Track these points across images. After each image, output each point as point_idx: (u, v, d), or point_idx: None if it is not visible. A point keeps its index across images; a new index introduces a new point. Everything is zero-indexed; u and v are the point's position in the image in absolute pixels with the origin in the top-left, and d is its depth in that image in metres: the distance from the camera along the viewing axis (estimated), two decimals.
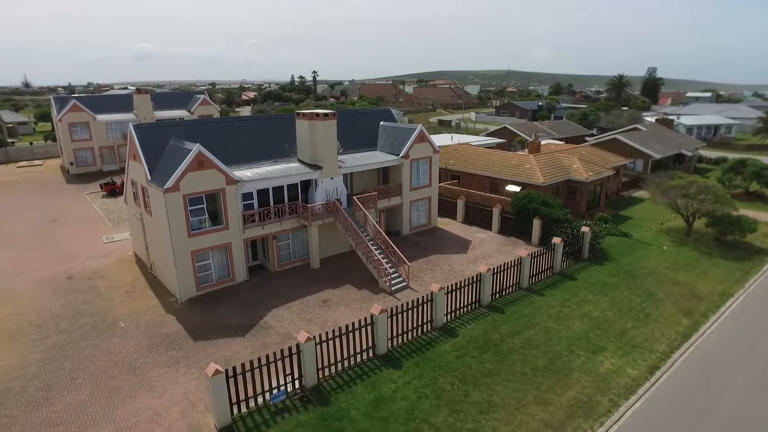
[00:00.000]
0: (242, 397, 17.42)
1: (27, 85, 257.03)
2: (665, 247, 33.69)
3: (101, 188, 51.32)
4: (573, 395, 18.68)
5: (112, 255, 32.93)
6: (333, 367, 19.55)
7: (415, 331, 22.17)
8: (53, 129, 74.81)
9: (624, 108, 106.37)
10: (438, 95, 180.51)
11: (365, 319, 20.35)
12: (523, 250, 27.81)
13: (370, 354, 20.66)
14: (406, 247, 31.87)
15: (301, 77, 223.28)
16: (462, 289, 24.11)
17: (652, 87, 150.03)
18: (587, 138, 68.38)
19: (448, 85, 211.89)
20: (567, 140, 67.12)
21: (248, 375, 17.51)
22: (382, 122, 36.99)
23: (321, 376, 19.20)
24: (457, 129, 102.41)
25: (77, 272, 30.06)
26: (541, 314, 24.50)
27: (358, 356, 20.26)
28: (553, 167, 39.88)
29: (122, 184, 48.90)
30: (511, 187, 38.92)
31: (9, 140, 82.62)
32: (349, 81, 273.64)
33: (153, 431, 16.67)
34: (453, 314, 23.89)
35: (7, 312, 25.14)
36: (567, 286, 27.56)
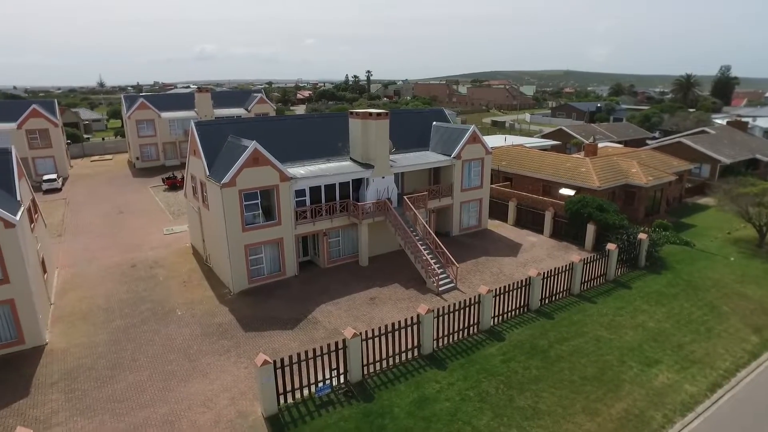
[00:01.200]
0: (289, 388, 17.89)
1: (101, 84, 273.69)
2: (732, 258, 31.74)
3: (163, 182, 54.05)
4: (623, 407, 18.01)
5: (172, 246, 34.64)
6: (378, 364, 19.74)
7: (461, 332, 22.04)
8: (122, 125, 79.40)
9: (691, 110, 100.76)
10: (492, 96, 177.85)
11: (411, 318, 20.42)
12: (575, 256, 27.01)
13: (415, 353, 20.71)
14: (455, 248, 31.67)
15: (355, 77, 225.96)
16: (510, 292, 23.73)
17: (725, 87, 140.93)
18: (648, 141, 65.36)
19: (502, 86, 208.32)
20: (626, 143, 64.45)
21: (295, 367, 17.99)
22: (434, 122, 36.93)
23: (366, 372, 19.43)
24: (511, 130, 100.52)
25: (140, 261, 31.84)
26: (592, 322, 23.73)
27: (403, 355, 20.37)
28: (609, 171, 38.47)
29: (182, 178, 51.29)
30: (564, 191, 37.88)
31: (85, 136, 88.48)
32: (402, 81, 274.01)
33: (204, 415, 17.44)
34: (500, 317, 23.56)
35: (80, 295, 27.00)
36: (621, 295, 26.54)
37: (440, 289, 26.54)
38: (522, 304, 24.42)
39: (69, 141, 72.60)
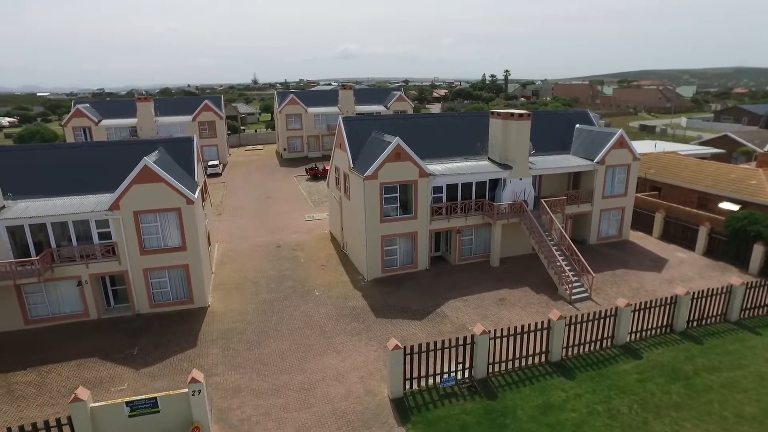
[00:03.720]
0: (415, 375, 18.62)
1: (255, 82, 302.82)
2: None
3: (306, 172, 58.56)
4: None
5: (312, 231, 37.58)
6: (503, 365, 19.70)
7: (593, 344, 21.05)
8: (272, 119, 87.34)
9: None
10: (642, 97, 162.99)
11: (542, 323, 20.02)
12: (735, 278, 24.13)
13: (543, 359, 20.28)
14: (591, 256, 30.08)
15: (492, 76, 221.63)
16: (652, 309, 22.03)
17: None
18: None
19: (654, 86, 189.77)
20: None
21: (423, 356, 18.65)
22: (577, 125, 35.29)
23: (490, 370, 19.50)
24: (662, 136, 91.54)
25: (284, 242, 35.08)
26: (753, 355, 21.06)
27: (530, 358, 20.07)
28: None
29: (323, 169, 55.20)
30: (726, 205, 33.83)
31: (241, 128, 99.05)
32: (541, 80, 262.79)
33: (336, 388, 18.91)
34: (638, 334, 22.01)
35: (234, 268, 30.66)
36: None
37: (572, 297, 25.51)
38: (665, 323, 22.54)
39: (229, 132, 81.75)
